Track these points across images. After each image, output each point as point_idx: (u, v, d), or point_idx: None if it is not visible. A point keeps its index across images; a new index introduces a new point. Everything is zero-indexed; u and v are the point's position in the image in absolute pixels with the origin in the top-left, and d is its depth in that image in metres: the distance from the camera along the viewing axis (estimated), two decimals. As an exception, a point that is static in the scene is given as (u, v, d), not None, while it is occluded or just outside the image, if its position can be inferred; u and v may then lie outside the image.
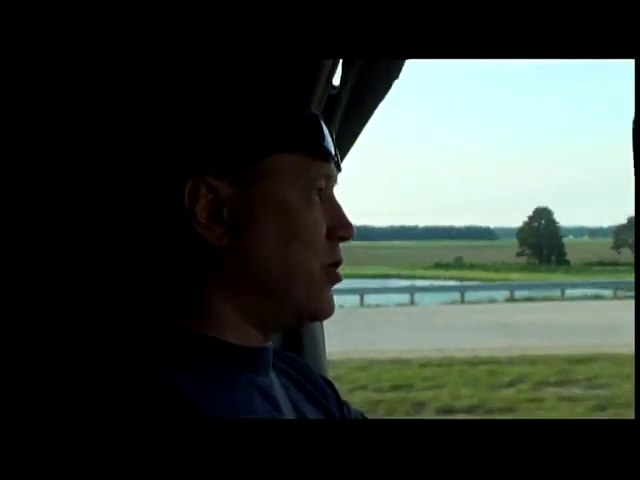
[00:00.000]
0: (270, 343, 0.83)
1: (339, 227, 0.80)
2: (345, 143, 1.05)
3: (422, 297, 20.73)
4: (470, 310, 17.40)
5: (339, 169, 0.82)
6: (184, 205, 0.73)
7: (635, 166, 1.30)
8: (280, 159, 0.75)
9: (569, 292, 21.61)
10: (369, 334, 12.61)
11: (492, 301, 20.40)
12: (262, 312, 0.78)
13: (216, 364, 0.76)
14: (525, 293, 21.93)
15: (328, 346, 1.20)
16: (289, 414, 0.83)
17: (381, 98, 1.06)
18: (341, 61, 1.01)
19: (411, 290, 21.69)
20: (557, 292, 21.97)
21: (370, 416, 1.13)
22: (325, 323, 1.10)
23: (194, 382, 0.73)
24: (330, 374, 1.14)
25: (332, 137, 0.81)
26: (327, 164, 0.79)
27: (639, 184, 1.25)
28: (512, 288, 22.12)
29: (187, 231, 0.75)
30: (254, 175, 0.75)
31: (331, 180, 0.80)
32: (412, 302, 19.70)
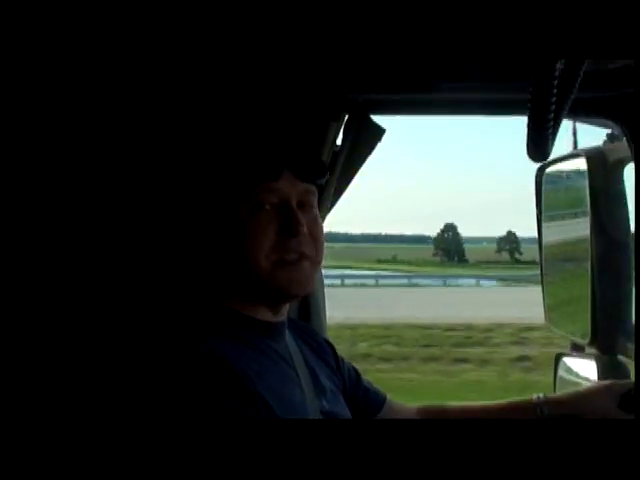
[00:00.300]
0: (283, 318, 1.13)
1: (286, 228, 1.06)
2: (345, 181, 1.44)
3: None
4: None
5: (307, 181, 1.09)
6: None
7: (635, 167, 1.33)
8: (229, 186, 1.07)
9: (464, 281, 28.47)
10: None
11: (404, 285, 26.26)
12: (251, 297, 1.09)
13: (242, 331, 1.07)
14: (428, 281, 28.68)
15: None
16: (300, 366, 1.13)
17: (368, 154, 1.41)
18: (342, 128, 1.38)
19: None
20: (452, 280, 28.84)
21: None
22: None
23: (231, 346, 1.01)
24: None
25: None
26: (270, 183, 1.06)
27: (639, 184, 1.28)
28: (410, 277, 29.55)
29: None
30: (218, 201, 1.09)
31: (284, 193, 1.06)
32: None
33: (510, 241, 46.82)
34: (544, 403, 1.29)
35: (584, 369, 1.58)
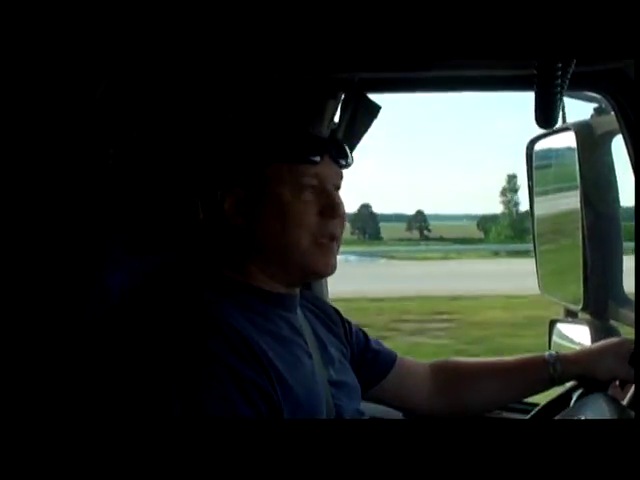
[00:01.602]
0: (296, 290, 1.17)
1: (326, 210, 1.10)
2: None
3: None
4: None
5: (342, 167, 1.16)
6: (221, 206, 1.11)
7: (635, 167, 1.37)
8: (272, 168, 1.10)
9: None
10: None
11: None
12: (279, 272, 1.13)
13: (253, 301, 1.10)
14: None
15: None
16: (309, 337, 1.16)
17: (364, 131, 1.45)
18: (339, 106, 1.42)
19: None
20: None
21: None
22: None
23: (236, 312, 1.04)
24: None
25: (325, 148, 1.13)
26: (311, 166, 1.10)
27: (639, 184, 1.32)
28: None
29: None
30: (256, 181, 1.10)
31: (321, 177, 1.11)
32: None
33: (419, 219, 47.40)
34: (556, 360, 1.31)
35: (577, 334, 1.63)
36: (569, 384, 1.34)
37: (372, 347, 1.33)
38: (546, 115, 1.16)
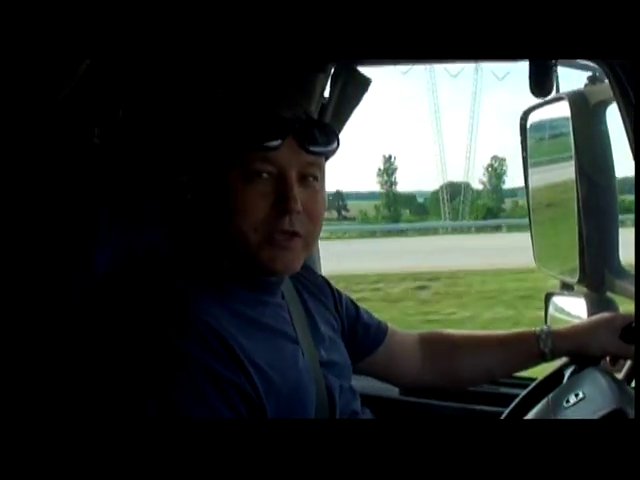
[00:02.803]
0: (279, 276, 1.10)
1: (279, 202, 1.00)
2: None
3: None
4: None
5: (311, 153, 1.03)
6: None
7: (635, 164, 1.35)
8: (222, 152, 1.02)
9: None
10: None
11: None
12: (241, 264, 1.05)
13: (233, 288, 1.05)
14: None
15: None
16: (297, 315, 1.12)
17: (355, 106, 1.44)
18: (329, 81, 1.39)
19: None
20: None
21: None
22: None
23: (213, 303, 1.00)
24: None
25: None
26: (267, 152, 0.99)
27: (639, 182, 1.30)
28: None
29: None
30: (209, 166, 1.05)
31: (284, 164, 1.00)
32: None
33: (338, 198, 46.76)
34: (547, 335, 1.31)
35: (574, 307, 1.62)
36: (560, 361, 1.33)
37: (363, 319, 1.31)
38: (541, 83, 1.14)
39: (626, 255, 1.44)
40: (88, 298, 1.06)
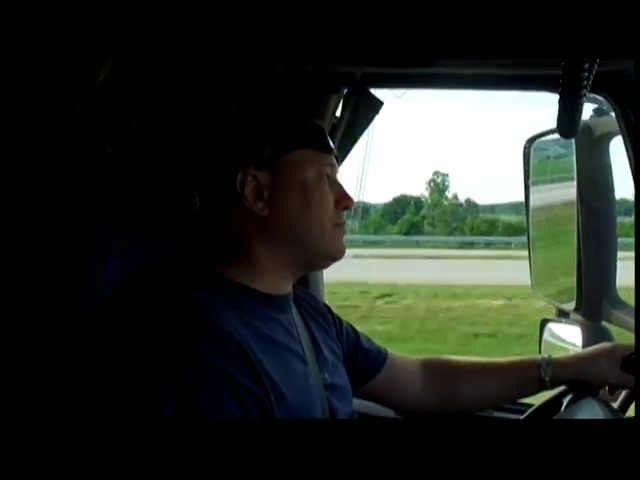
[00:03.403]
0: (291, 289, 1.15)
1: (342, 200, 1.13)
2: (343, 153, 1.49)
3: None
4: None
5: (339, 162, 1.17)
6: (237, 190, 1.07)
7: (635, 169, 1.37)
8: (298, 154, 1.09)
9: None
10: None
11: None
12: (294, 257, 1.11)
13: (247, 302, 1.06)
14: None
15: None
16: (305, 339, 1.14)
17: (366, 126, 1.45)
18: (341, 101, 1.42)
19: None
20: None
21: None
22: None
23: (231, 313, 1.01)
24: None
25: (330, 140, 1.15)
26: (329, 156, 1.13)
27: (639, 187, 1.32)
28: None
29: (239, 208, 1.07)
30: (282, 165, 1.09)
31: (334, 168, 1.14)
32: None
33: None
34: (547, 364, 1.30)
35: (569, 335, 1.64)
36: (559, 388, 1.33)
37: (363, 345, 1.32)
38: (571, 121, 1.13)
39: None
40: (99, 307, 1.05)
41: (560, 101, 1.07)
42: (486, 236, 26.57)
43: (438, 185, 37.00)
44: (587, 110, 1.60)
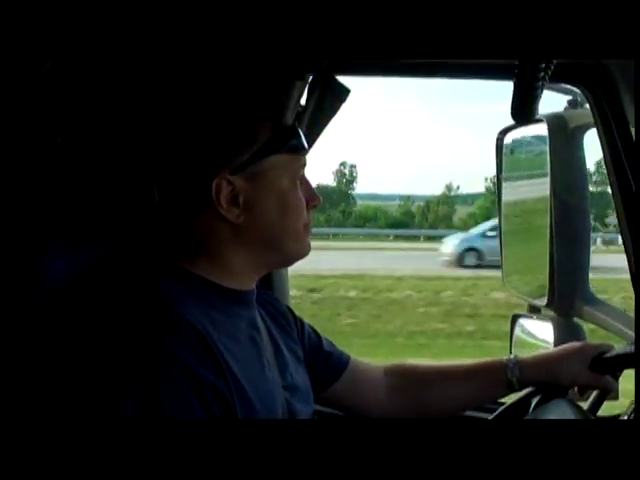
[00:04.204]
0: (254, 286, 1.13)
1: (311, 199, 1.13)
2: (308, 143, 1.37)
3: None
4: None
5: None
6: (211, 195, 1.03)
7: (634, 171, 1.33)
8: (275, 159, 1.07)
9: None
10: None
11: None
12: (265, 260, 1.12)
13: (212, 297, 1.05)
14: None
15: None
16: (265, 337, 1.13)
17: (332, 115, 1.39)
18: (306, 88, 1.35)
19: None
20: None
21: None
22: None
23: (195, 308, 0.99)
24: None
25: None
26: (303, 158, 1.12)
27: (639, 185, 1.29)
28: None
29: (212, 213, 1.04)
30: (259, 172, 1.06)
31: (304, 167, 1.13)
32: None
33: None
34: (515, 364, 1.28)
35: (541, 331, 1.61)
36: (526, 389, 1.30)
37: (324, 348, 1.29)
38: (524, 110, 1.12)
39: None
40: (45, 307, 1.00)
41: (514, 92, 1.05)
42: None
43: (345, 175, 37.56)
44: (562, 102, 1.57)
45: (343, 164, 37.78)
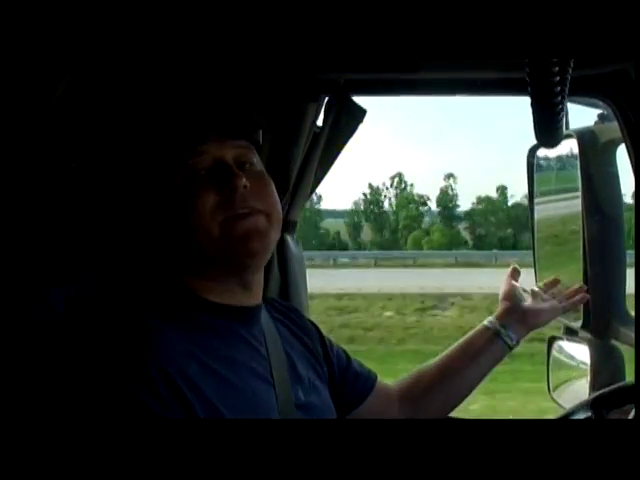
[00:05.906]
0: (258, 302, 1.06)
1: (223, 183, 0.98)
2: (326, 164, 1.41)
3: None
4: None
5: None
6: None
7: (635, 168, 1.29)
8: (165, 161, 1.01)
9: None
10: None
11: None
12: (212, 274, 1.01)
13: (204, 318, 0.99)
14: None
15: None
16: (274, 353, 1.06)
17: (350, 136, 1.37)
18: (323, 109, 1.34)
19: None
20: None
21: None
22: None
23: (179, 338, 0.94)
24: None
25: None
26: (199, 148, 1.01)
27: (639, 184, 1.25)
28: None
29: None
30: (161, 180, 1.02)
31: (217, 155, 1.01)
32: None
33: None
34: (503, 327, 1.34)
35: (577, 352, 1.56)
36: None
37: (354, 369, 1.26)
38: (547, 130, 1.07)
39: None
40: (47, 331, 1.01)
41: (533, 106, 1.00)
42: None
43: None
44: (592, 115, 1.52)
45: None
